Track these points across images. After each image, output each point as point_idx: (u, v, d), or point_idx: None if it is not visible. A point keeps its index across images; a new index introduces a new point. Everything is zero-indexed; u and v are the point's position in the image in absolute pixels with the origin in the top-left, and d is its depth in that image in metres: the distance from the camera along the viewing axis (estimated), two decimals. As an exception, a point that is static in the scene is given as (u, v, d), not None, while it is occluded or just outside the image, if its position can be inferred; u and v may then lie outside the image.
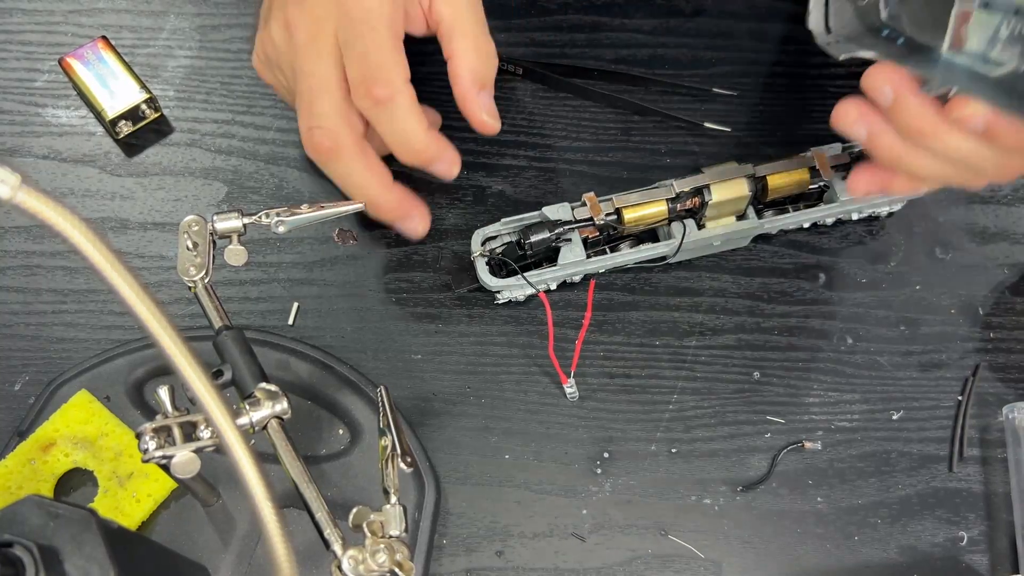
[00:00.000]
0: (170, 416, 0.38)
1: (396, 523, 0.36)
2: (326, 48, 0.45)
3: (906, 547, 0.48)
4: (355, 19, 0.44)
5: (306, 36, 0.45)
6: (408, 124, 0.45)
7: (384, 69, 0.44)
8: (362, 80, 0.44)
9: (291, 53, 0.46)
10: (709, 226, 0.52)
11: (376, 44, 0.44)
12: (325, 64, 0.45)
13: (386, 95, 0.44)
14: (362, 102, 0.45)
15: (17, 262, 0.53)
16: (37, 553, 0.28)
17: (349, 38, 0.44)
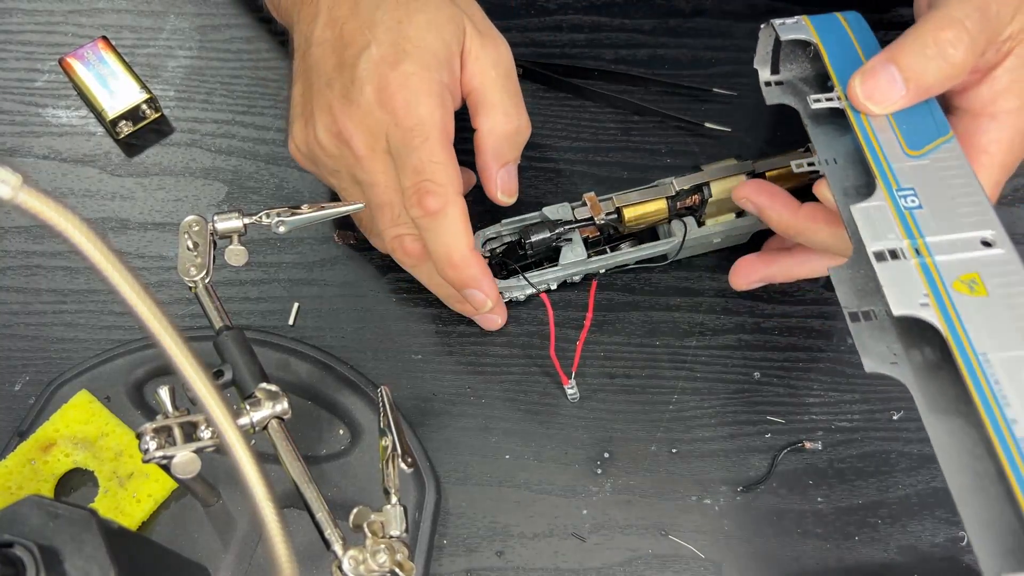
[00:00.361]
0: (170, 416, 0.38)
1: (396, 523, 0.36)
2: (385, 156, 0.45)
3: (906, 547, 0.48)
4: (407, 128, 0.43)
5: (365, 148, 0.44)
6: (453, 238, 0.44)
7: (437, 180, 0.43)
8: (415, 190, 0.43)
9: (349, 162, 0.46)
10: (709, 223, 0.52)
11: (429, 154, 0.43)
12: (394, 175, 0.45)
13: (438, 206, 0.43)
14: (413, 211, 0.44)
15: (17, 262, 0.53)
16: (37, 553, 0.28)
17: (401, 148, 0.44)
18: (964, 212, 0.38)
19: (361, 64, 0.44)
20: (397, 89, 0.43)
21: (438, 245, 0.45)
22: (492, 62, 0.46)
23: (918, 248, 0.36)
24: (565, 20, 0.62)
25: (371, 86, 0.43)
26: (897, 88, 0.40)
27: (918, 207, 0.38)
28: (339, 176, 0.47)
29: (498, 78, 0.46)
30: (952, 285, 0.35)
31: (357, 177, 0.46)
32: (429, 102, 0.43)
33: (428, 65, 0.44)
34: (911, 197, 0.38)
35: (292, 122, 0.48)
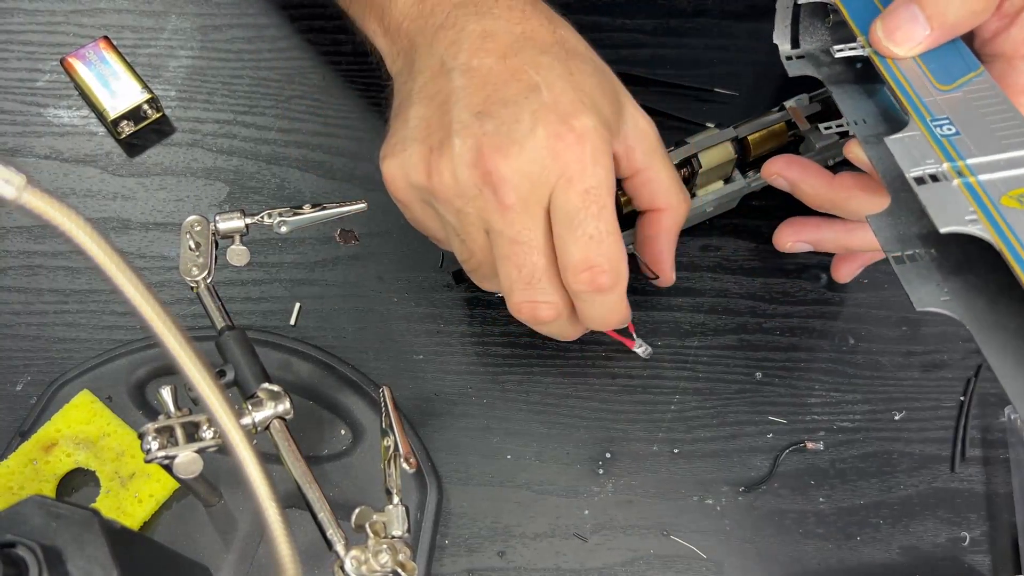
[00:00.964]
0: (172, 416, 0.38)
1: (398, 523, 0.36)
2: (543, 216, 0.39)
3: (908, 547, 0.48)
4: (583, 191, 0.38)
5: (516, 198, 0.38)
6: (616, 313, 0.42)
7: (613, 258, 0.39)
8: (585, 264, 0.39)
9: (487, 209, 0.39)
10: (700, 194, 0.52)
11: (608, 225, 0.39)
12: (543, 235, 0.40)
13: (608, 285, 0.40)
14: (579, 286, 0.40)
15: (19, 262, 0.53)
16: (40, 553, 0.28)
17: (576, 212, 0.38)
18: (1004, 135, 0.36)
19: (529, 104, 0.38)
20: (575, 143, 0.38)
21: (597, 316, 0.42)
22: (657, 141, 0.44)
23: (960, 170, 0.35)
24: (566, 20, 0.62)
25: (544, 130, 0.38)
26: (920, 27, 0.39)
27: (955, 134, 0.36)
28: (462, 219, 0.41)
29: (665, 158, 0.44)
30: (1001, 201, 0.34)
31: (493, 227, 0.40)
32: (607, 163, 0.39)
33: (605, 124, 0.40)
34: (947, 126, 0.37)
35: (404, 145, 0.41)
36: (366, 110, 0.58)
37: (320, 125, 0.58)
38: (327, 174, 0.56)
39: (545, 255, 0.40)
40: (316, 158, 0.57)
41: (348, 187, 0.56)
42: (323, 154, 0.57)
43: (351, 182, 0.56)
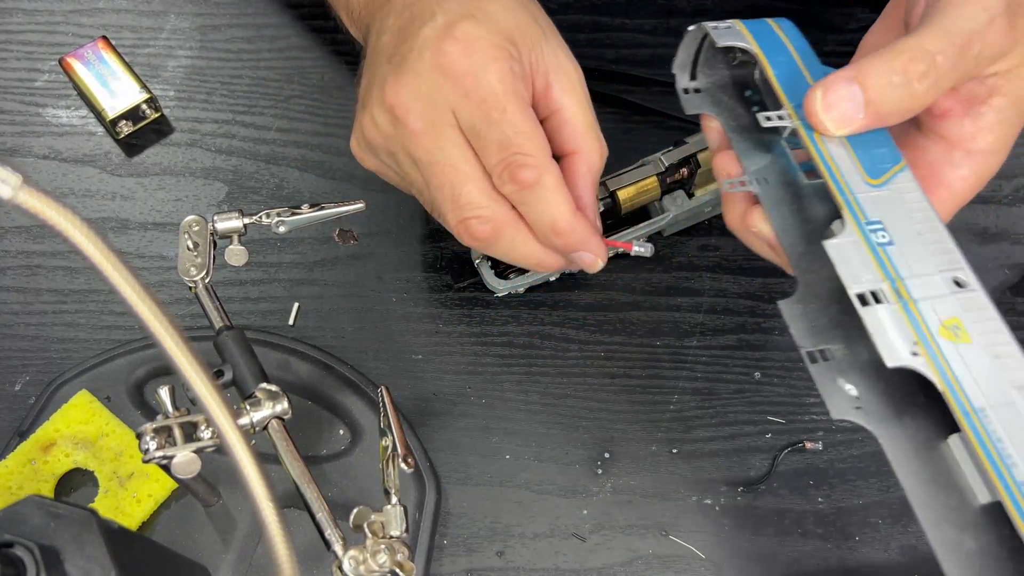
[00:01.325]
0: (171, 416, 0.38)
1: (397, 523, 0.36)
2: (452, 132, 0.41)
3: (907, 547, 0.48)
4: (479, 101, 0.40)
5: (422, 123, 0.41)
6: (556, 207, 0.41)
7: (527, 150, 0.40)
8: (505, 166, 0.40)
9: (405, 140, 0.42)
10: (698, 194, 0.53)
11: (512, 127, 0.40)
12: (457, 149, 0.41)
13: (534, 178, 0.40)
14: (507, 187, 0.41)
15: (17, 262, 0.53)
16: (38, 553, 0.28)
17: (479, 124, 0.40)
18: (932, 249, 0.35)
19: (423, 32, 0.40)
20: (460, 55, 0.39)
21: (540, 216, 0.41)
22: (578, 81, 0.43)
23: (898, 291, 0.34)
24: (565, 20, 0.62)
25: (430, 51, 0.40)
26: (856, 109, 0.37)
27: (890, 243, 0.35)
28: (397, 159, 0.43)
29: (587, 98, 0.43)
30: (938, 332, 0.33)
31: (414, 156, 0.42)
32: (498, 68, 0.40)
33: (500, 35, 0.40)
34: (881, 232, 0.35)
35: (355, 118, 0.44)
36: (365, 110, 0.58)
37: (319, 125, 0.58)
38: (326, 174, 0.56)
39: (465, 171, 0.41)
40: (315, 158, 0.57)
41: (347, 187, 0.56)
42: (322, 154, 0.57)
43: (350, 182, 0.56)
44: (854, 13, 0.62)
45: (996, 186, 0.57)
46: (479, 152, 0.41)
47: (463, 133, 0.41)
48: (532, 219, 0.42)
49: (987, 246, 0.56)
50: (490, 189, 0.42)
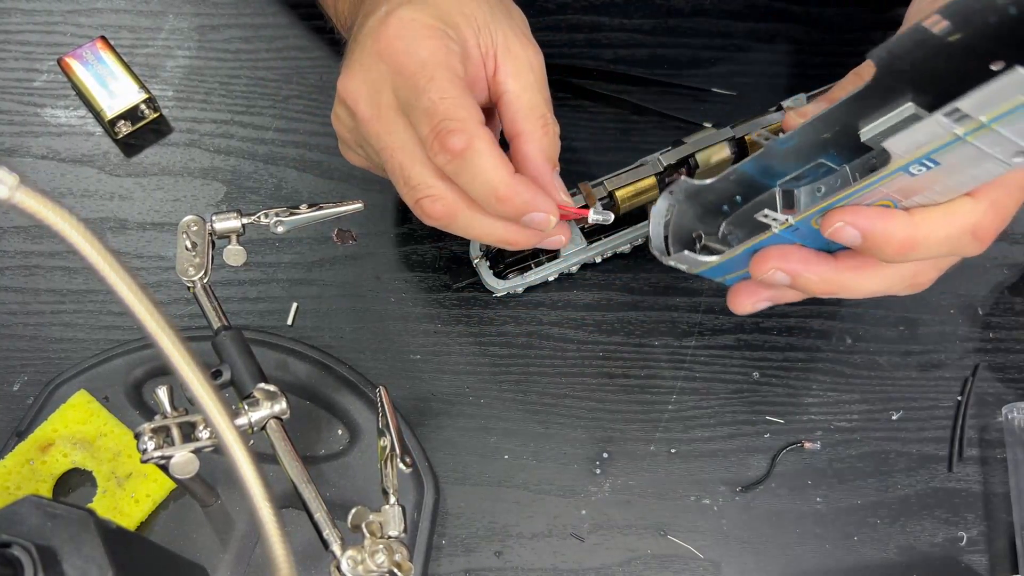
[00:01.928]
0: (169, 416, 0.38)
1: (395, 523, 0.36)
2: (395, 115, 0.41)
3: (905, 547, 0.48)
4: (410, 74, 0.40)
5: (366, 106, 0.41)
6: (491, 172, 0.39)
7: (454, 117, 0.39)
8: (434, 135, 0.39)
9: (359, 128, 0.43)
10: None
11: (439, 93, 0.39)
12: (402, 131, 0.41)
13: (463, 143, 0.39)
14: (439, 158, 0.40)
15: (16, 262, 0.53)
16: (35, 553, 0.27)
17: (408, 96, 0.40)
18: None
19: (367, 24, 0.41)
20: (394, 36, 0.40)
21: (478, 184, 0.40)
22: (527, 64, 0.43)
23: None
24: (564, 20, 0.62)
25: (371, 39, 0.41)
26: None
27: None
28: (364, 149, 0.44)
29: (536, 80, 0.43)
30: None
31: (369, 142, 0.42)
32: (430, 44, 0.40)
33: (434, 15, 0.41)
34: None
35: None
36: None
37: (318, 125, 0.58)
38: (324, 174, 0.56)
39: (411, 150, 0.41)
40: (313, 158, 0.57)
41: (345, 187, 0.56)
42: (320, 154, 0.57)
43: (348, 182, 0.56)
44: (855, 14, 0.62)
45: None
46: (414, 126, 0.41)
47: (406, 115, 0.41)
48: (472, 190, 0.41)
49: (985, 246, 0.56)
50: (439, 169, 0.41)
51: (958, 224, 0.37)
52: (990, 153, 0.34)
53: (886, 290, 0.40)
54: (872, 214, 0.37)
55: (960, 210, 0.37)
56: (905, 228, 0.37)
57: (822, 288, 0.40)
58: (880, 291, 0.40)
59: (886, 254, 0.37)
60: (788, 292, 0.43)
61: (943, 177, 0.35)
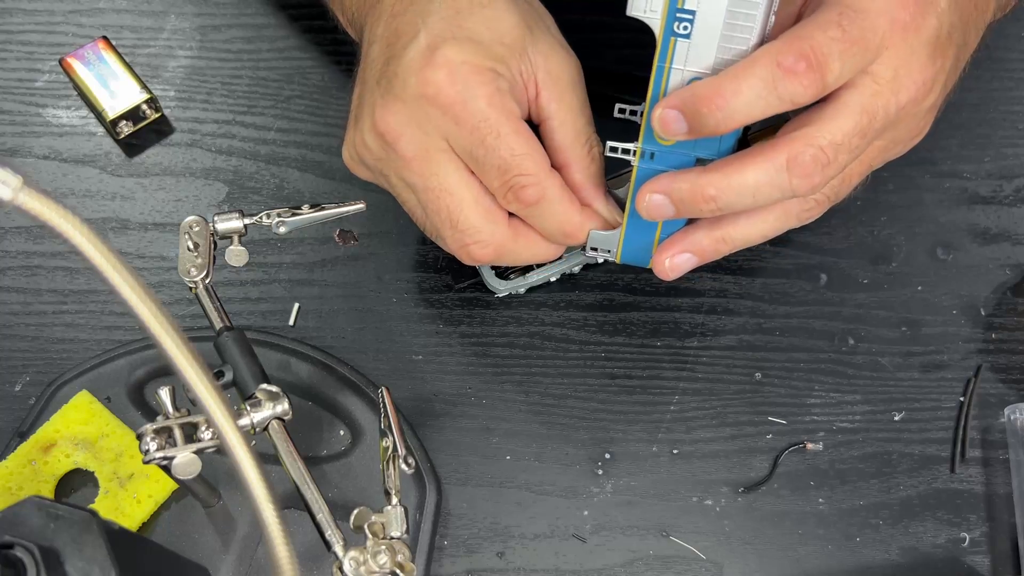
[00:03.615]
0: (171, 417, 0.38)
1: (397, 524, 0.36)
2: (445, 159, 0.41)
3: (907, 548, 0.48)
4: (471, 128, 0.40)
5: (414, 149, 0.41)
6: (563, 216, 0.42)
7: (528, 170, 0.40)
8: (508, 188, 0.41)
9: (397, 165, 0.42)
10: None
11: (508, 148, 0.40)
12: (453, 176, 0.41)
13: (538, 195, 0.41)
14: (513, 206, 0.42)
15: (17, 263, 0.53)
16: (38, 554, 0.27)
17: (475, 151, 0.40)
18: None
19: (407, 55, 0.40)
20: (446, 83, 0.39)
21: (550, 225, 0.43)
22: (568, 83, 0.43)
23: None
24: (565, 20, 0.61)
25: (415, 79, 0.40)
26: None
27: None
28: (389, 181, 0.44)
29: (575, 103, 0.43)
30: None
31: (408, 181, 0.42)
32: (487, 91, 0.40)
33: (481, 53, 0.40)
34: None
35: (347, 129, 0.45)
36: (365, 110, 0.58)
37: (319, 125, 0.58)
38: (326, 174, 0.56)
39: (462, 195, 0.41)
40: (315, 158, 0.57)
41: (347, 187, 0.56)
42: (322, 154, 0.57)
43: (350, 182, 0.56)
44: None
45: (997, 186, 0.57)
46: (481, 176, 0.41)
47: (458, 158, 0.41)
48: (542, 228, 0.43)
49: (987, 246, 0.56)
50: (488, 210, 0.42)
51: (758, 60, 0.36)
52: None
53: (768, 189, 0.38)
54: (682, 90, 0.38)
55: (759, 51, 0.37)
56: (708, 83, 0.37)
57: (698, 195, 0.40)
58: (764, 193, 0.39)
59: (706, 118, 0.37)
60: (699, 236, 0.44)
61: (714, 27, 0.38)
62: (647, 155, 0.42)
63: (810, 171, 0.37)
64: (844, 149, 0.37)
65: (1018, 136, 0.59)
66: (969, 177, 0.57)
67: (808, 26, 0.36)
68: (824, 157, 0.37)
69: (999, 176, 0.58)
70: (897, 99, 0.38)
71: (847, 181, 0.42)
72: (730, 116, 0.37)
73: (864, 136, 0.38)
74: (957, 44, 0.40)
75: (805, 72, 0.36)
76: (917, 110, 0.40)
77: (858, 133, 0.37)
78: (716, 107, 0.37)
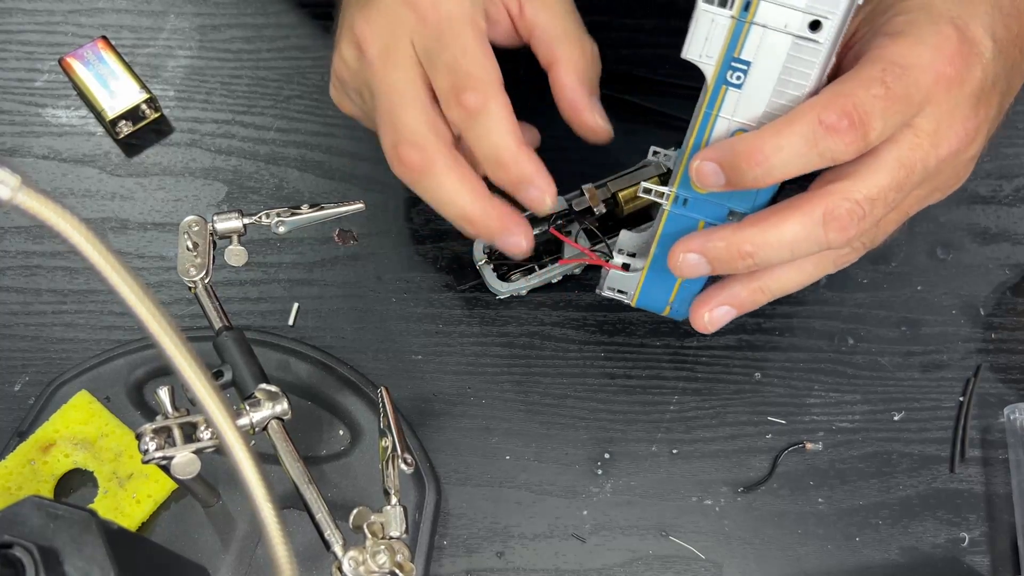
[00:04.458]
0: (170, 417, 0.38)
1: (396, 524, 0.36)
2: (403, 58, 0.42)
3: (907, 548, 0.48)
4: (434, 25, 0.41)
5: (379, 49, 0.42)
6: (501, 136, 0.41)
7: (475, 75, 0.40)
8: (452, 89, 0.40)
9: (364, 71, 0.43)
10: None
11: (462, 48, 0.40)
12: (404, 74, 0.42)
13: (479, 103, 0.40)
14: (453, 112, 0.41)
15: (17, 263, 0.53)
16: (37, 554, 0.27)
17: (431, 47, 0.41)
18: None
19: None
20: None
21: (484, 145, 0.41)
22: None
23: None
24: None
25: None
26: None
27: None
28: (362, 96, 0.44)
29: (565, 8, 0.44)
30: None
31: (371, 85, 0.42)
32: (458, 1, 0.40)
33: None
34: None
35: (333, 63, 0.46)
36: (365, 110, 0.58)
37: (319, 125, 0.58)
38: (326, 174, 0.56)
39: (409, 95, 0.41)
40: (315, 158, 0.57)
41: (346, 187, 0.56)
42: (322, 154, 0.57)
43: (350, 182, 0.56)
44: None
45: (996, 186, 0.57)
46: (430, 76, 0.42)
47: (418, 61, 0.42)
48: (476, 148, 0.42)
49: (987, 246, 0.56)
50: (431, 120, 0.42)
51: (800, 117, 0.36)
52: (780, 30, 0.35)
53: (805, 243, 0.38)
54: (722, 143, 0.38)
55: (801, 107, 0.36)
56: (748, 138, 0.37)
57: (735, 252, 0.39)
58: (801, 248, 0.39)
59: (745, 173, 0.37)
60: (737, 289, 0.43)
61: (767, 81, 0.37)
62: (680, 201, 0.41)
63: (846, 224, 0.37)
64: (880, 203, 0.37)
65: (1018, 136, 0.59)
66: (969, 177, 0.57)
67: (850, 82, 0.36)
68: (860, 211, 0.37)
69: (999, 176, 0.58)
70: (937, 152, 0.37)
71: (884, 229, 0.42)
72: (768, 172, 0.37)
73: (901, 189, 0.37)
74: (1001, 92, 0.40)
75: (847, 130, 0.35)
76: (957, 161, 0.39)
77: (895, 187, 0.37)
78: (755, 163, 0.36)
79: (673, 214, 0.41)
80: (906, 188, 0.38)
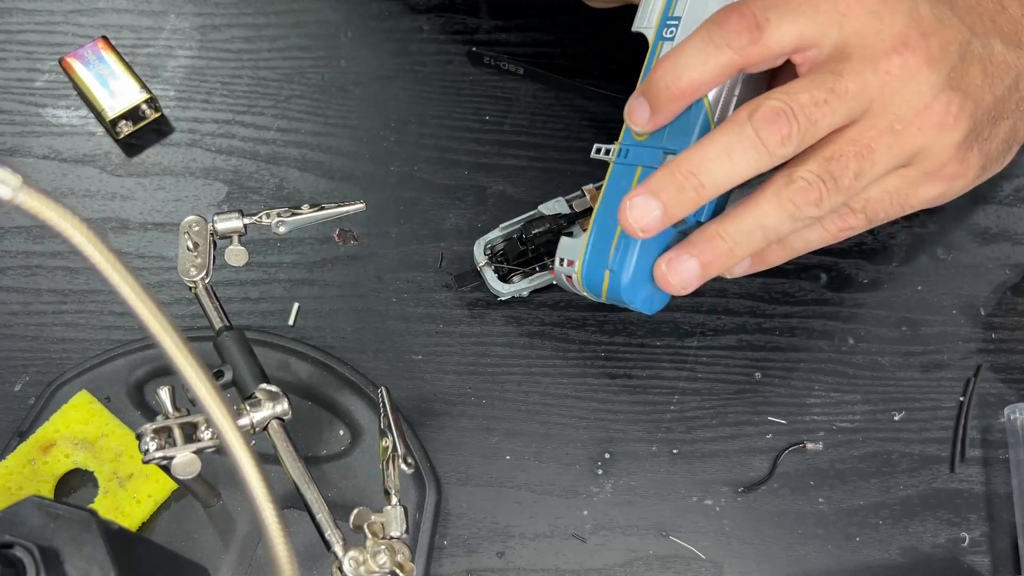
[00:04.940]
0: (171, 417, 0.38)
1: (397, 524, 0.36)
2: None
3: (907, 548, 0.48)
4: None
5: None
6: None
7: None
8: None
9: None
10: None
11: None
12: None
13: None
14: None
15: (17, 262, 0.53)
16: (37, 554, 0.27)
17: None
18: None
19: None
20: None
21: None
22: None
23: None
24: (565, 20, 0.62)
25: None
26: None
27: None
28: None
29: None
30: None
31: None
32: None
33: None
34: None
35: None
36: (365, 110, 0.58)
37: (319, 125, 0.58)
38: (326, 174, 0.56)
39: None
40: (315, 158, 0.57)
41: (347, 187, 0.56)
42: (322, 154, 0.57)
43: (350, 182, 0.56)
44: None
45: (996, 186, 0.57)
46: None
47: None
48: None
49: (987, 246, 0.56)
50: None
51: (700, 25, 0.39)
52: None
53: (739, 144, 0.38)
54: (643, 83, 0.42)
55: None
56: (660, 59, 0.40)
57: (675, 175, 0.39)
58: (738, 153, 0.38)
59: (657, 84, 0.40)
60: (694, 237, 0.41)
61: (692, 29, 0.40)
62: (623, 153, 0.44)
63: (770, 117, 0.38)
64: (808, 102, 0.38)
65: (1018, 136, 0.58)
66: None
67: None
68: (784, 107, 0.38)
69: (999, 176, 0.57)
70: (842, 30, 0.39)
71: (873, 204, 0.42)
72: (677, 76, 0.39)
73: (833, 92, 0.38)
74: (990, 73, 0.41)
75: (738, 19, 0.38)
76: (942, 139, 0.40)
77: (823, 87, 0.38)
78: (664, 71, 0.40)
79: (617, 166, 0.44)
80: (842, 95, 0.38)
